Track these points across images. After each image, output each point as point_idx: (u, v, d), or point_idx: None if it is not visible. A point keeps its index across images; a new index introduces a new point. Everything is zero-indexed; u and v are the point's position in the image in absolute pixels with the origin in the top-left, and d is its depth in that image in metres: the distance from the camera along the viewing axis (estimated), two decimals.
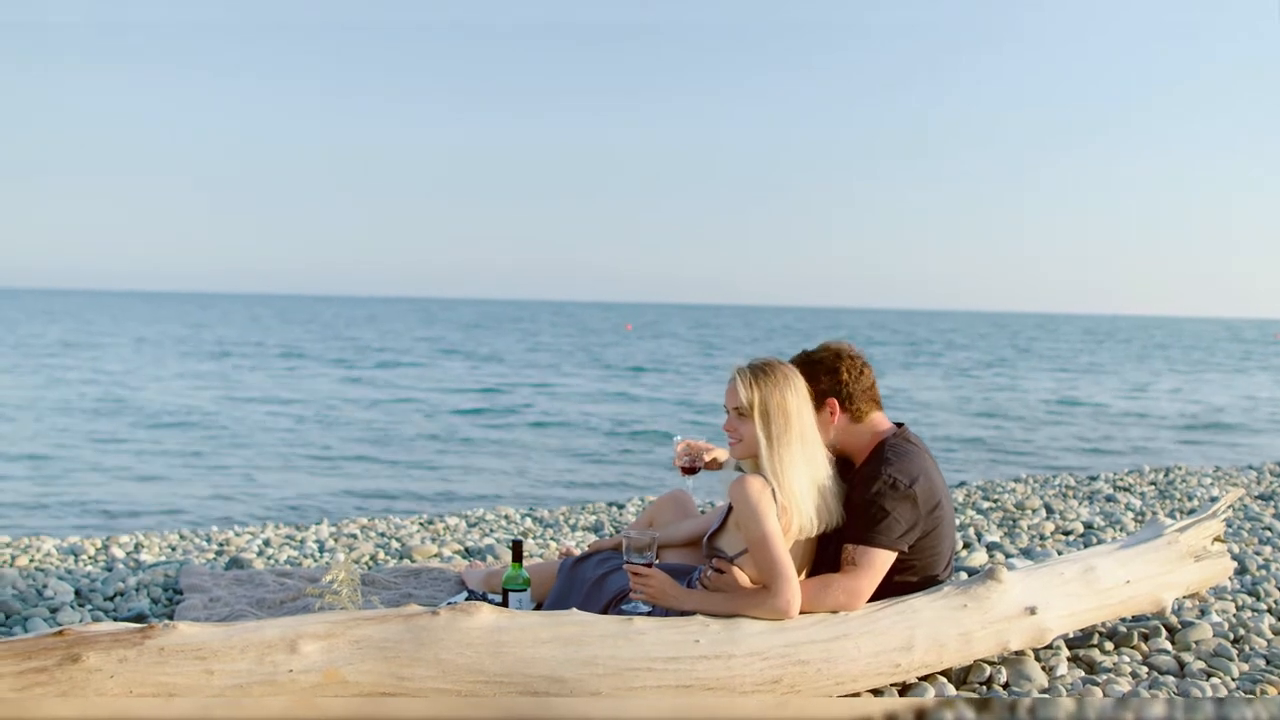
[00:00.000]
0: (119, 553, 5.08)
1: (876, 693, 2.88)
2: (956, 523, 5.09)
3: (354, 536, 5.54)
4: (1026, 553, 4.95)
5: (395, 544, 5.24)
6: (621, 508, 6.80)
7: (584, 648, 2.53)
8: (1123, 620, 3.55)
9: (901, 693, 2.93)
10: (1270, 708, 2.82)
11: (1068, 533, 5.59)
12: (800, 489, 2.80)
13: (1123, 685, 3.01)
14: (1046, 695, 2.96)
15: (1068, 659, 3.26)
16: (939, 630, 2.87)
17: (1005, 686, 3.02)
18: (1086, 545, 5.18)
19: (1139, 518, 6.07)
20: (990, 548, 5.04)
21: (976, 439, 14.52)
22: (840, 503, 2.93)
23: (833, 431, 3.03)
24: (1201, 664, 3.22)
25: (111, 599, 4.04)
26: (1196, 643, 3.40)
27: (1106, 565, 3.29)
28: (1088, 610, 3.20)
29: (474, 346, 40.72)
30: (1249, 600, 3.97)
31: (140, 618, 3.73)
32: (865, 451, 3.03)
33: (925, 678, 2.99)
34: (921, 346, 47.17)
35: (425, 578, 4.23)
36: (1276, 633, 3.61)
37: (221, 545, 5.31)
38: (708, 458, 3.40)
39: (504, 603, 3.27)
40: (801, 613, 2.74)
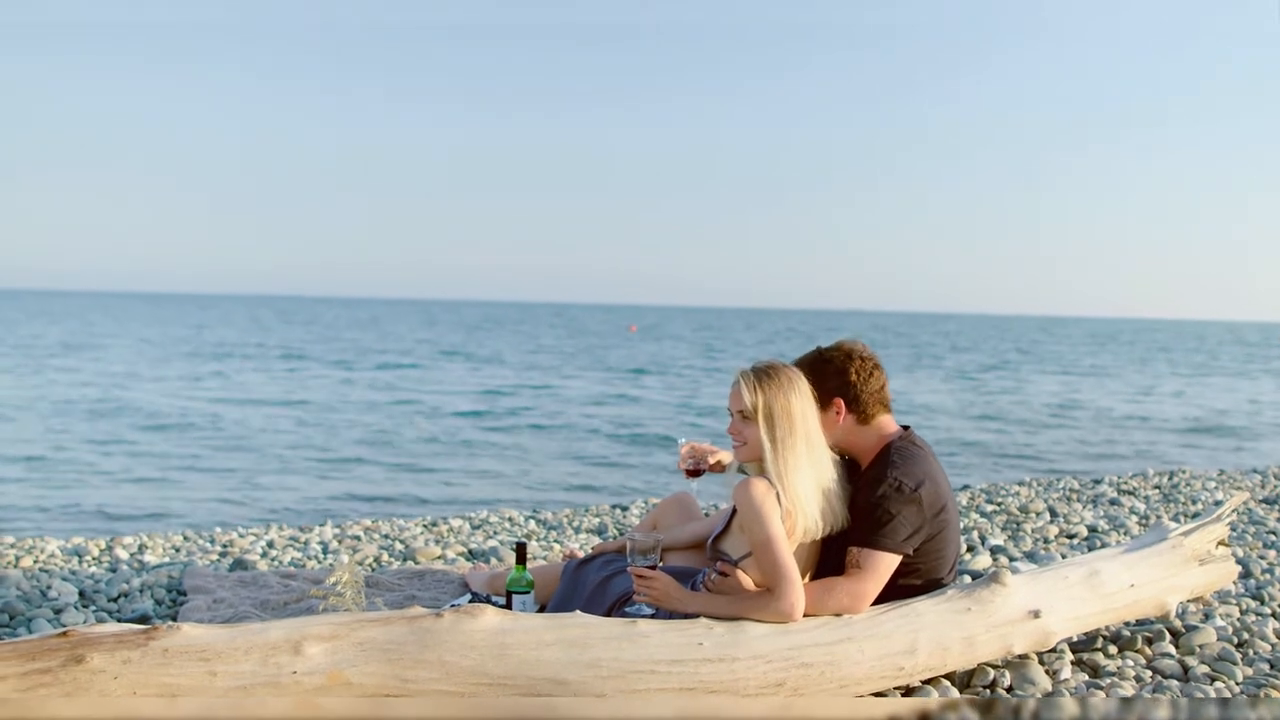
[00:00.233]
0: (123, 554, 5.08)
1: (880, 695, 2.88)
2: (961, 526, 5.09)
3: (358, 538, 5.54)
4: (1030, 556, 4.94)
5: (399, 546, 5.24)
6: (625, 510, 6.79)
7: (588, 650, 2.53)
8: (1127, 624, 3.54)
9: (905, 696, 2.92)
10: (1274, 709, 2.82)
11: (1071, 536, 5.58)
12: (805, 492, 2.80)
13: (1126, 689, 3.01)
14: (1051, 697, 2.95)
15: (1071, 663, 3.25)
16: (943, 633, 2.87)
17: (1009, 690, 3.02)
18: (1090, 549, 5.17)
19: (1143, 521, 6.06)
20: (994, 551, 5.03)
21: (979, 442, 14.50)
22: (845, 505, 2.93)
23: (839, 432, 3.03)
24: (1205, 668, 3.21)
25: (115, 600, 4.04)
26: (1200, 647, 3.39)
27: (1111, 569, 3.28)
28: (1092, 614, 3.20)
29: (475, 348, 40.74)
30: (1253, 604, 3.97)
31: (144, 619, 3.74)
32: (871, 453, 3.03)
33: (929, 681, 2.98)
34: (924, 349, 47.14)
35: (429, 580, 4.23)
36: None
37: (225, 547, 5.32)
38: (712, 460, 3.40)
39: (508, 605, 3.26)
40: (805, 616, 2.74)
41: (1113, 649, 3.38)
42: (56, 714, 2.15)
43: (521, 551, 3.31)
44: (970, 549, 5.12)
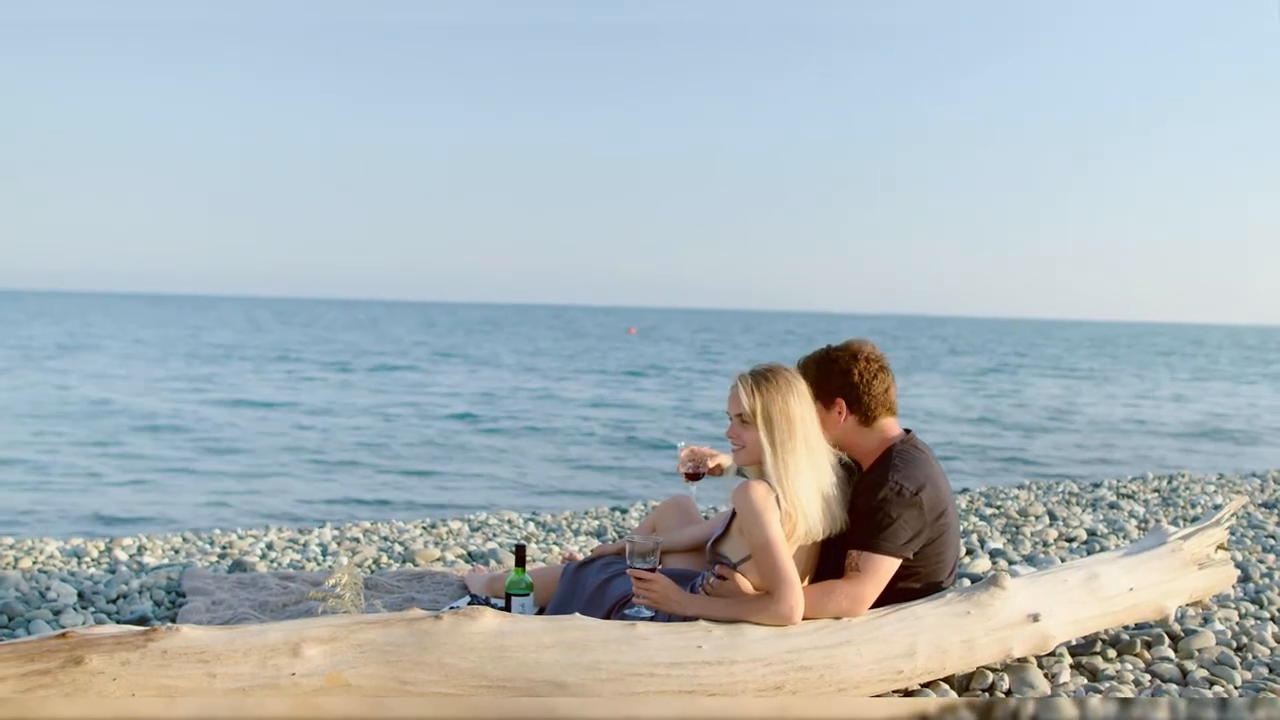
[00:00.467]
0: (122, 555, 5.08)
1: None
2: (960, 529, 5.09)
3: (357, 540, 5.54)
4: (1029, 560, 4.94)
5: (398, 548, 5.23)
6: (624, 512, 6.79)
7: (587, 652, 2.53)
8: (1126, 628, 3.54)
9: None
10: (1273, 710, 2.82)
11: (1071, 540, 5.58)
12: (804, 495, 2.80)
13: (1125, 693, 3.01)
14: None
15: (1070, 666, 3.25)
16: (942, 637, 2.86)
17: (1008, 693, 3.01)
18: (1090, 552, 5.17)
19: (1142, 525, 6.06)
20: (993, 555, 5.03)
21: (978, 446, 14.50)
22: (844, 508, 2.93)
23: (840, 432, 3.03)
24: (1204, 672, 3.21)
25: (114, 601, 4.03)
26: (1199, 650, 3.39)
27: (1110, 573, 3.28)
28: (1091, 618, 3.20)
29: (473, 350, 40.72)
30: (1252, 608, 3.97)
31: (143, 620, 3.73)
32: (873, 456, 3.02)
33: (928, 684, 2.98)
34: (922, 352, 47.15)
35: (428, 582, 4.23)
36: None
37: (224, 548, 5.31)
38: (711, 463, 3.40)
39: (507, 607, 3.26)
40: (804, 619, 2.74)
41: (1112, 652, 3.38)
42: (56, 715, 2.15)
43: (520, 554, 3.31)
44: (969, 552, 5.12)
